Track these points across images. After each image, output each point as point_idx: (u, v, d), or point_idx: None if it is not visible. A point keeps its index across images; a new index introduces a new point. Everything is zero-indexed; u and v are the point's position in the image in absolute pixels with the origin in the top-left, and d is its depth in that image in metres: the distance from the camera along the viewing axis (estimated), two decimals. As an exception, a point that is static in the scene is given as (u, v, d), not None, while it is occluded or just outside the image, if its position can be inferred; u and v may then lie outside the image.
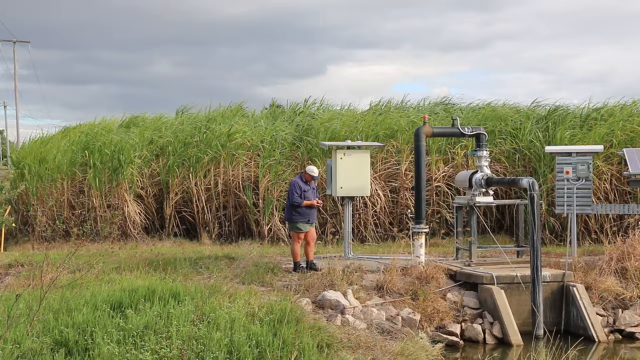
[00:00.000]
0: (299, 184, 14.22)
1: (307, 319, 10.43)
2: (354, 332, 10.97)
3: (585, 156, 15.68)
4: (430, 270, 13.81)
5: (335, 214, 19.36)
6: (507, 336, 12.72)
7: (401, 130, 20.39)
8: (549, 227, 18.74)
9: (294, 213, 14.18)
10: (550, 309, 13.51)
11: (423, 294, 13.16)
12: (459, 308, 13.34)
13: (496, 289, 13.22)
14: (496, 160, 19.63)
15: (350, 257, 15.45)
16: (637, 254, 14.22)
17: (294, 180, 14.54)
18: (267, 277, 13.45)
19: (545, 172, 19.02)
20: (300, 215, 14.14)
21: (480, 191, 14.87)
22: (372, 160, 18.11)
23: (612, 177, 18.85)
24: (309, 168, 14.51)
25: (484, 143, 15.20)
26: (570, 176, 15.52)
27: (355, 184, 15.45)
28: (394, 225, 19.34)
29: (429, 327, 12.73)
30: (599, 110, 21.12)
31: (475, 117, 20.89)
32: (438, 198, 19.65)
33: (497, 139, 20.04)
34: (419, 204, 14.78)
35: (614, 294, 13.72)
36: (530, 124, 20.31)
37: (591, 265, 14.42)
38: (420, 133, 14.93)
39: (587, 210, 16.00)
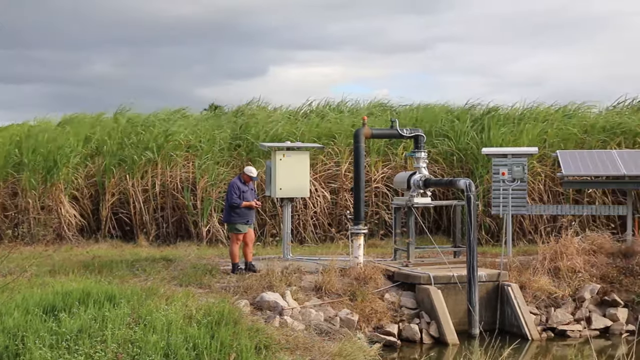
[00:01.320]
0: (237, 184, 14.17)
1: (245, 321, 10.38)
2: (293, 333, 10.95)
3: (520, 158, 15.99)
4: (369, 271, 13.89)
5: (274, 215, 19.33)
6: (444, 335, 12.87)
7: (341, 132, 20.47)
8: (485, 228, 19.03)
9: (232, 214, 14.11)
10: (486, 308, 13.72)
11: (361, 294, 13.22)
12: (397, 308, 13.44)
13: (433, 289, 13.36)
14: (434, 162, 19.86)
15: (289, 258, 15.43)
16: (569, 254, 14.54)
17: (232, 181, 14.48)
18: (205, 278, 13.35)
19: (482, 173, 19.31)
20: (239, 216, 14.10)
21: (418, 192, 15.01)
22: (311, 161, 18.12)
23: (547, 178, 19.23)
24: (247, 169, 14.48)
25: (422, 144, 15.36)
26: (506, 177, 15.80)
27: (294, 185, 15.45)
28: (333, 226, 19.39)
29: (367, 328, 12.79)
30: (533, 112, 21.55)
31: (414, 119, 21.08)
32: (377, 199, 19.78)
33: (435, 140, 20.27)
34: (357, 205, 14.86)
35: (547, 293, 14.01)
36: (467, 125, 20.61)
37: (525, 265, 14.69)
38: (359, 134, 15.02)
39: (522, 211, 16.33)
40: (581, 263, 14.50)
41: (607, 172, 15.96)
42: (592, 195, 18.95)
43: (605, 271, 14.52)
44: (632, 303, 14.12)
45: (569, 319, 13.85)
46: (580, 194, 19.09)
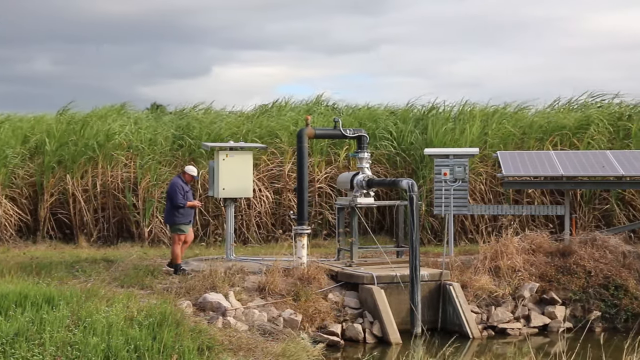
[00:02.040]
0: (180, 184, 14.08)
1: (187, 322, 10.29)
2: (236, 334, 10.89)
3: (461, 158, 16.20)
4: (312, 271, 13.90)
5: (217, 216, 19.20)
6: (387, 335, 12.95)
7: (284, 132, 20.45)
8: (428, 228, 19.22)
9: (176, 214, 14.00)
10: (428, 308, 13.84)
11: (305, 294, 13.22)
12: (340, 308, 13.47)
13: (376, 289, 13.43)
14: (377, 162, 19.97)
15: (232, 258, 15.35)
16: (509, 253, 14.78)
17: (174, 180, 14.35)
18: (147, 280, 13.20)
19: (424, 173, 19.49)
20: (182, 216, 14.03)
21: (361, 192, 15.07)
22: (255, 161, 18.07)
23: (488, 178, 19.51)
24: (188, 168, 14.42)
25: (365, 145, 15.43)
26: (448, 178, 15.99)
27: (237, 185, 15.39)
28: (276, 227, 19.35)
29: (311, 328, 12.80)
30: (473, 113, 21.86)
31: (357, 120, 21.18)
32: (321, 199, 19.81)
33: (379, 141, 20.39)
34: (301, 205, 14.86)
35: (487, 291, 14.20)
36: (409, 126, 20.78)
37: (467, 265, 14.88)
38: (302, 135, 15.02)
39: (464, 210, 16.54)
40: (521, 262, 14.74)
41: (545, 173, 16.27)
42: (532, 196, 19.30)
43: (544, 270, 14.79)
44: (570, 301, 14.41)
45: (509, 317, 14.08)
46: (520, 194, 19.42)
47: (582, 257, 14.85)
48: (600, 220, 18.81)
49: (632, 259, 14.95)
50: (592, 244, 15.23)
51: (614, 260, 14.88)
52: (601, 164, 16.27)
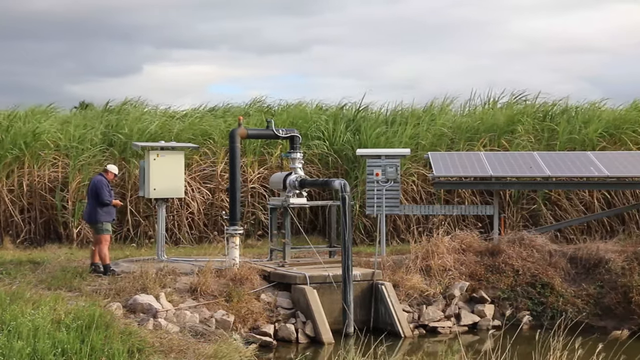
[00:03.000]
0: (106, 182, 13.94)
1: (117, 324, 10.13)
2: (167, 335, 10.76)
3: (393, 159, 16.35)
4: (245, 271, 13.84)
5: (148, 216, 18.94)
6: (319, 335, 12.97)
7: (217, 132, 20.30)
8: (360, 228, 19.32)
9: (102, 213, 13.82)
10: (361, 307, 13.91)
11: (237, 295, 13.15)
12: (273, 308, 13.45)
13: (309, 289, 13.44)
14: (310, 163, 19.99)
15: (163, 259, 15.17)
16: (440, 253, 14.98)
17: (98, 179, 14.11)
18: (75, 281, 12.94)
19: (357, 174, 19.59)
20: (108, 215, 13.89)
21: (294, 193, 15.07)
22: (187, 161, 17.90)
23: (419, 178, 19.72)
24: (111, 167, 14.36)
25: (298, 145, 15.44)
26: (380, 178, 16.12)
27: (169, 185, 15.23)
28: (209, 227, 19.20)
29: (243, 328, 12.74)
30: (405, 113, 22.11)
31: (290, 120, 21.16)
32: (253, 199, 19.74)
33: (311, 141, 20.42)
34: (233, 205, 14.79)
35: (419, 291, 14.37)
36: (342, 127, 20.87)
37: (399, 264, 15.02)
38: (234, 135, 14.95)
39: (396, 211, 16.70)
40: (451, 261, 14.96)
41: (475, 174, 16.55)
42: (462, 196, 19.60)
43: (474, 269, 15.05)
44: (498, 299, 14.69)
45: (440, 316, 14.27)
46: (451, 194, 19.70)
47: (511, 256, 15.16)
48: (528, 219, 19.21)
49: (557, 258, 15.32)
50: (520, 243, 15.55)
51: (541, 259, 15.23)
52: (528, 165, 16.64)
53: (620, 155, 17.55)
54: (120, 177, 18.99)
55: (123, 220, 18.77)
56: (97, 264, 13.91)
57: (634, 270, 14.64)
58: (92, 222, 14.13)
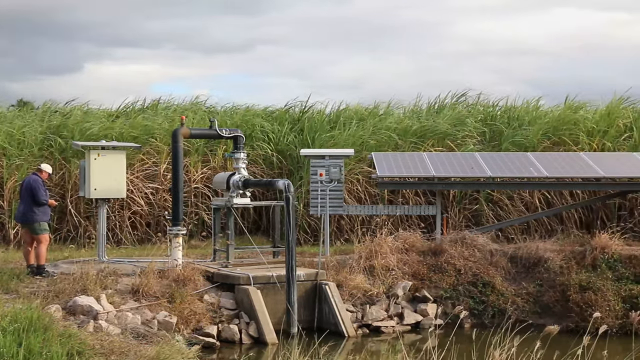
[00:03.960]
0: (41, 182, 13.73)
1: (56, 327, 9.92)
2: (108, 337, 10.59)
3: (337, 159, 16.41)
4: (188, 272, 13.73)
5: (89, 217, 18.64)
6: (263, 335, 12.94)
7: (160, 132, 20.08)
8: (304, 228, 19.33)
9: (39, 213, 13.59)
10: (305, 307, 13.92)
11: (180, 296, 13.04)
12: (216, 309, 13.37)
13: (252, 289, 13.40)
14: (254, 163, 19.92)
15: (104, 260, 14.94)
16: (383, 252, 15.07)
17: (34, 179, 13.83)
18: (12, 283, 12.66)
19: (302, 174, 19.60)
20: (45, 214, 13.71)
21: (237, 193, 15.01)
22: (129, 161, 17.67)
23: (364, 179, 19.80)
24: (45, 166, 14.15)
25: (241, 145, 15.38)
26: (324, 178, 16.16)
27: (110, 185, 15.02)
28: (151, 228, 18.99)
29: (186, 330, 12.64)
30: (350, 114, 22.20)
31: (234, 120, 21.06)
32: (197, 200, 19.58)
33: (255, 141, 20.35)
34: (176, 205, 14.66)
35: (362, 290, 14.43)
36: (287, 127, 20.86)
37: (342, 264, 15.06)
38: (177, 134, 14.83)
39: (339, 211, 16.75)
40: (394, 261, 15.06)
41: (418, 174, 16.71)
42: (406, 196, 19.75)
43: (417, 268, 15.18)
44: (441, 298, 14.85)
45: (383, 316, 14.36)
46: (395, 194, 19.83)
47: (453, 256, 15.33)
48: (470, 219, 19.45)
49: (498, 257, 15.55)
50: (462, 243, 15.74)
51: (482, 259, 15.44)
52: (470, 166, 16.86)
53: (559, 157, 17.92)
54: (60, 177, 18.66)
55: (63, 220, 18.44)
56: (33, 265, 13.65)
57: (572, 269, 14.96)
58: (28, 223, 13.82)
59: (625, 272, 14.87)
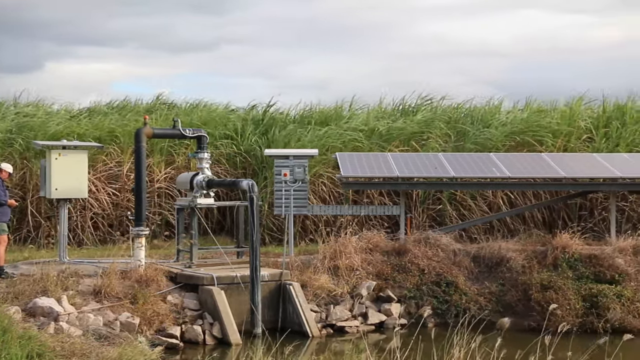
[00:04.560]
0: (1, 182, 13.54)
1: (16, 329, 9.78)
2: (68, 339, 10.47)
3: (301, 159, 16.41)
4: (151, 272, 13.63)
5: (50, 217, 18.41)
6: (227, 336, 12.88)
7: (123, 131, 19.90)
8: (269, 228, 19.29)
9: (0, 214, 13.41)
10: (269, 308, 13.89)
11: (143, 297, 12.94)
12: (180, 310, 13.29)
13: (216, 290, 13.33)
14: (218, 163, 19.85)
15: (66, 261, 14.78)
16: (347, 253, 15.09)
17: None
18: (-29, 285, 12.45)
19: (266, 174, 19.56)
20: (4, 215, 13.57)
21: (201, 193, 14.94)
22: (91, 161, 17.49)
23: (329, 179, 19.82)
24: (5, 165, 13.98)
25: (205, 145, 15.32)
26: (288, 178, 16.15)
27: (71, 185, 14.88)
28: (114, 228, 18.81)
29: (149, 331, 12.55)
30: (315, 114, 22.22)
31: (198, 120, 20.95)
32: (160, 200, 19.45)
33: (219, 141, 20.27)
34: (139, 205, 14.54)
35: (326, 290, 14.44)
36: (251, 127, 20.81)
37: (307, 264, 15.06)
38: (140, 134, 14.72)
39: (304, 211, 16.76)
40: (359, 261, 15.09)
41: (382, 174, 16.77)
42: (371, 196, 19.80)
43: (381, 268, 15.22)
44: (405, 298, 14.91)
45: (347, 315, 14.37)
46: (359, 194, 19.88)
47: (416, 256, 15.40)
48: (434, 219, 19.57)
49: (461, 257, 15.66)
50: (426, 242, 15.82)
51: (446, 258, 15.54)
52: (434, 166, 16.97)
53: (521, 157, 18.11)
54: (21, 177, 18.41)
55: (23, 221, 18.19)
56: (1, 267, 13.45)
57: (533, 269, 15.12)
58: None
59: (585, 271, 15.06)
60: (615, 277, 14.90)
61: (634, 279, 14.93)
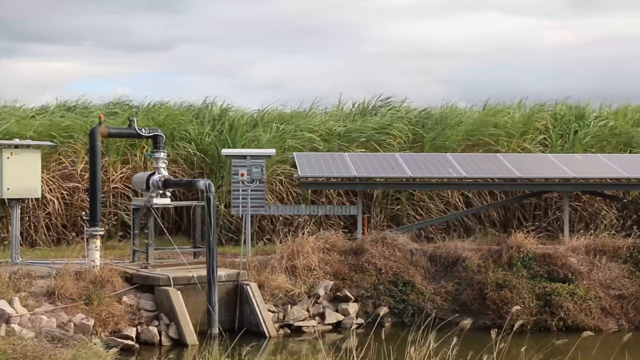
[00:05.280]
0: None
1: (-35, 331, 9.60)
2: (20, 342, 10.27)
3: (259, 159, 16.37)
4: (106, 273, 13.48)
5: (1, 217, 18.07)
6: (183, 337, 12.79)
7: (78, 130, 19.64)
8: (226, 228, 19.20)
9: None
10: (226, 308, 13.83)
11: (98, 298, 12.79)
12: (135, 311, 13.16)
13: (172, 291, 13.23)
14: (175, 163, 19.69)
15: (18, 262, 14.54)
16: (305, 252, 15.09)
17: None
18: None
19: (223, 174, 19.47)
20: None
21: (157, 193, 14.82)
22: (45, 160, 17.23)
23: (286, 179, 19.79)
24: None
25: (161, 145, 15.18)
26: (245, 178, 16.10)
27: (23, 185, 14.65)
28: (68, 228, 18.55)
29: (104, 332, 12.42)
30: (273, 114, 22.17)
31: (155, 119, 20.78)
32: (116, 200, 19.23)
33: (176, 141, 20.12)
34: (94, 205, 14.36)
35: (284, 290, 14.42)
36: (208, 127, 20.69)
37: (264, 264, 15.02)
38: (95, 133, 14.56)
39: (261, 211, 16.71)
40: (316, 261, 15.10)
41: (340, 174, 16.80)
42: (329, 196, 19.82)
43: (338, 268, 15.25)
44: (362, 298, 14.95)
45: (305, 315, 14.37)
46: (317, 194, 19.88)
47: (374, 256, 15.46)
48: (392, 219, 19.66)
49: (418, 257, 15.75)
50: (383, 242, 15.89)
51: (403, 258, 15.62)
52: (391, 166, 17.04)
53: (477, 157, 18.28)
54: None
55: (-26, 222, 17.85)
56: None
57: (489, 268, 15.27)
58: None
59: (539, 270, 15.27)
60: (569, 276, 15.13)
61: (587, 277, 15.17)
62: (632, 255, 15.74)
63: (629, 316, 14.70)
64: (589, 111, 22.67)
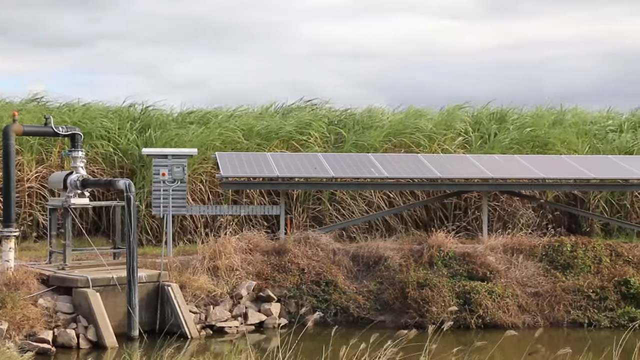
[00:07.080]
0: None
1: None
2: None
3: (180, 159, 16.18)
4: (20, 275, 13.13)
5: None
6: (102, 339, 12.55)
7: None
8: (147, 228, 18.89)
9: None
10: (147, 309, 13.63)
11: (12, 301, 12.43)
12: (52, 314, 12.85)
13: (91, 292, 12.95)
14: (94, 162, 19.27)
15: None
16: (227, 253, 15.00)
17: None
18: None
19: (145, 174, 19.15)
20: None
21: (75, 193, 14.50)
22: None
23: (208, 179, 19.60)
24: None
25: (79, 143, 14.88)
26: (166, 178, 15.88)
27: None
28: (-19, 230, 17.92)
29: (18, 336, 12.10)
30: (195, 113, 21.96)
31: (73, 117, 20.29)
32: (31, 200, 18.69)
33: (95, 140, 19.70)
34: (8, 205, 13.98)
35: (206, 291, 14.29)
36: (128, 125, 20.34)
37: (186, 265, 14.85)
38: (9, 131, 14.19)
39: (183, 211, 16.53)
40: (239, 261, 15.03)
41: (262, 174, 16.74)
42: (251, 196, 19.72)
43: (261, 268, 15.20)
44: (285, 298, 14.94)
45: (227, 316, 14.27)
46: (239, 194, 19.76)
47: (297, 255, 15.47)
48: (314, 219, 19.69)
49: (341, 256, 15.83)
50: (306, 242, 15.91)
51: (325, 258, 15.68)
52: (313, 166, 17.08)
53: (398, 158, 18.50)
54: None
55: None
56: None
57: (410, 267, 15.46)
58: None
59: (459, 269, 15.55)
60: (487, 274, 15.44)
61: (504, 275, 15.52)
62: (547, 253, 16.18)
63: (544, 313, 15.09)
64: (509, 114, 23.21)
